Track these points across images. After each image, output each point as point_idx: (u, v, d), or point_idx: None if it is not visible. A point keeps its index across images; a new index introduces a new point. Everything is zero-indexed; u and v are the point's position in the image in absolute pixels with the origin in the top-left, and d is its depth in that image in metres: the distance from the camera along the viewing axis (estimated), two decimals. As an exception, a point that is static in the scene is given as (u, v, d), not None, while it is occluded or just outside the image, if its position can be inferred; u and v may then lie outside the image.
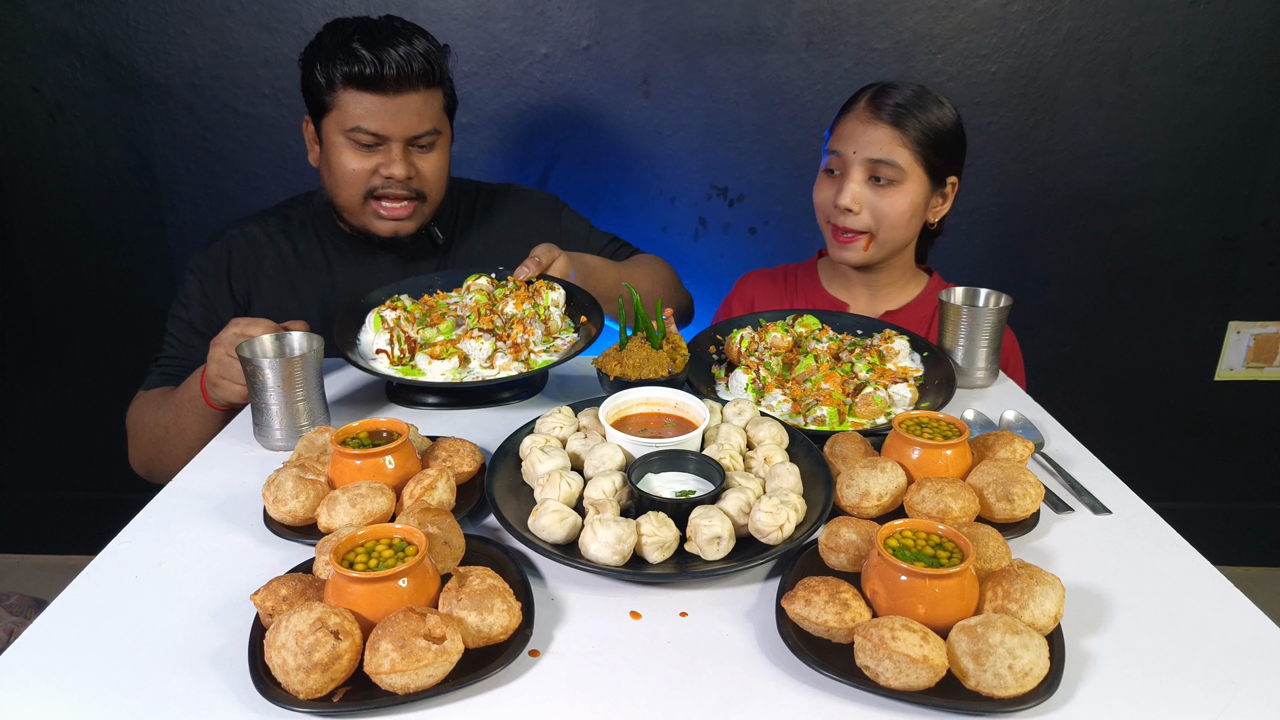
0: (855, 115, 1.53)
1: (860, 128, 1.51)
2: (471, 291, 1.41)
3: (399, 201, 1.51)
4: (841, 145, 1.53)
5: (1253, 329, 2.52)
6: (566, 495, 0.94)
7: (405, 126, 1.46)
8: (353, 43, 1.40)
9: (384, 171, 1.48)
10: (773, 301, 1.73)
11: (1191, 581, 0.89)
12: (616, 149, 2.31)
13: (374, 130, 1.44)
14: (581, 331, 1.33)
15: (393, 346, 1.22)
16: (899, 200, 1.52)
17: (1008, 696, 0.70)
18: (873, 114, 1.50)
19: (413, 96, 1.45)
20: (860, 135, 1.51)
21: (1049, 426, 1.24)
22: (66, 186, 2.32)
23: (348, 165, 1.48)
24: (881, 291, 1.67)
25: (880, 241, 1.56)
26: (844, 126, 1.54)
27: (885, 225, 1.54)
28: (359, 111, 1.43)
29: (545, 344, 1.29)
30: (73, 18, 2.16)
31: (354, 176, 1.48)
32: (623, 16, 2.18)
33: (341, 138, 1.47)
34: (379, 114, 1.44)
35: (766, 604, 0.85)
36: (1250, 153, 2.31)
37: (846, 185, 1.52)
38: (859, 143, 1.51)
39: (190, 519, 1.00)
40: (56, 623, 0.82)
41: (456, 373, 1.19)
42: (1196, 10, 2.17)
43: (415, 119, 1.46)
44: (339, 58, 1.41)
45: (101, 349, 2.51)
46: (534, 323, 1.29)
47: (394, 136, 1.46)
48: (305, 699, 0.70)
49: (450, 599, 0.76)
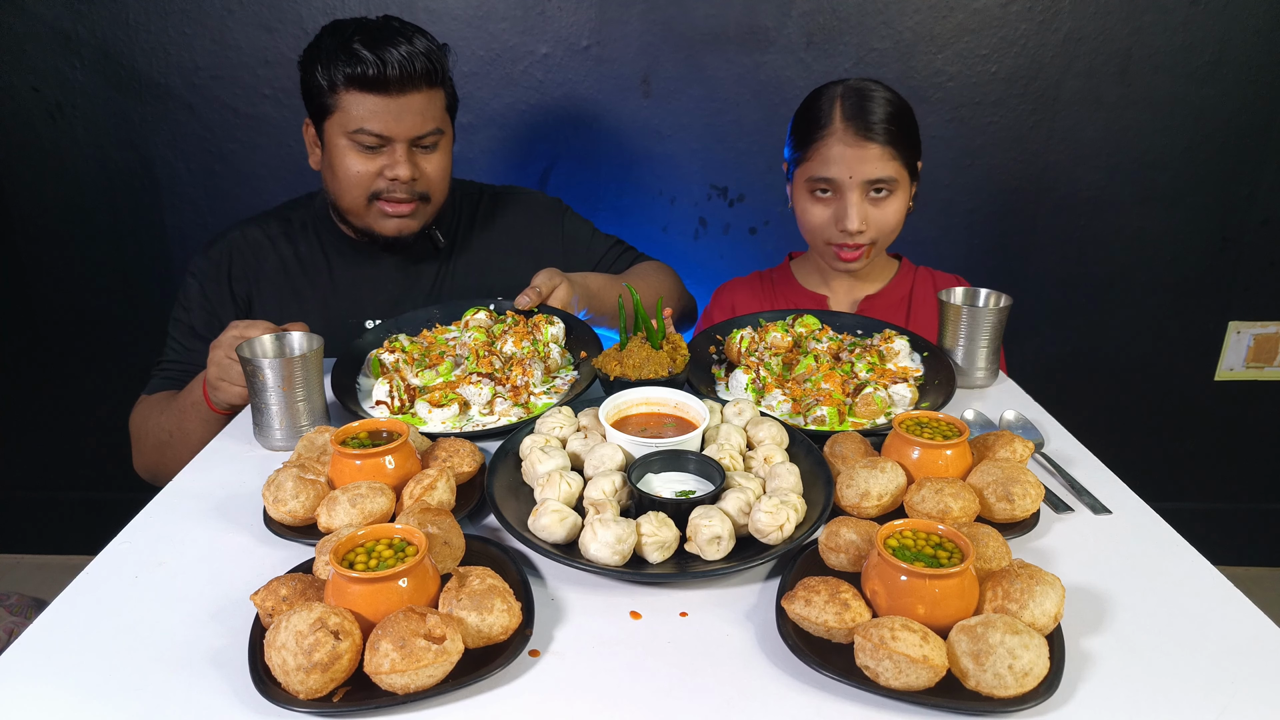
0: (838, 138, 1.50)
1: (850, 152, 1.49)
2: (470, 328, 1.41)
3: (403, 203, 1.51)
4: (835, 171, 1.51)
5: (1253, 329, 2.51)
6: (566, 495, 0.94)
7: (409, 127, 1.45)
8: (354, 44, 1.40)
9: (388, 173, 1.48)
10: (753, 307, 1.74)
11: (1191, 581, 0.89)
12: (616, 149, 2.31)
13: (378, 131, 1.44)
14: (583, 369, 1.33)
15: (392, 398, 1.22)
16: (896, 207, 1.56)
17: (1008, 696, 0.70)
18: (862, 135, 1.49)
19: (416, 96, 1.44)
20: (853, 159, 1.49)
21: (1049, 426, 1.24)
22: (66, 186, 2.32)
23: (352, 168, 1.47)
24: (860, 282, 1.71)
25: (879, 247, 1.60)
26: (829, 150, 1.51)
27: (885, 232, 1.57)
28: (362, 113, 1.43)
29: (545, 383, 1.29)
30: (73, 18, 2.16)
31: (358, 179, 1.48)
32: (623, 16, 2.18)
33: (345, 140, 1.46)
34: (382, 115, 1.43)
35: (766, 604, 0.85)
36: (1250, 153, 2.31)
37: (849, 209, 1.52)
38: (854, 168, 1.50)
39: (190, 519, 1.00)
40: (56, 623, 0.82)
41: (456, 420, 1.20)
42: (1196, 10, 2.17)
43: (419, 119, 1.46)
44: (340, 59, 1.40)
45: (101, 349, 2.51)
46: (533, 363, 1.29)
47: (398, 137, 1.46)
48: (305, 699, 0.70)
49: (450, 599, 0.76)
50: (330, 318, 1.57)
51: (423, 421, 1.21)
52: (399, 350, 1.34)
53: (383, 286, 1.62)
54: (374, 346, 1.39)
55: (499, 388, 1.24)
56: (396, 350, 1.34)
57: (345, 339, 1.40)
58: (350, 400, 1.26)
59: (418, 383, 1.27)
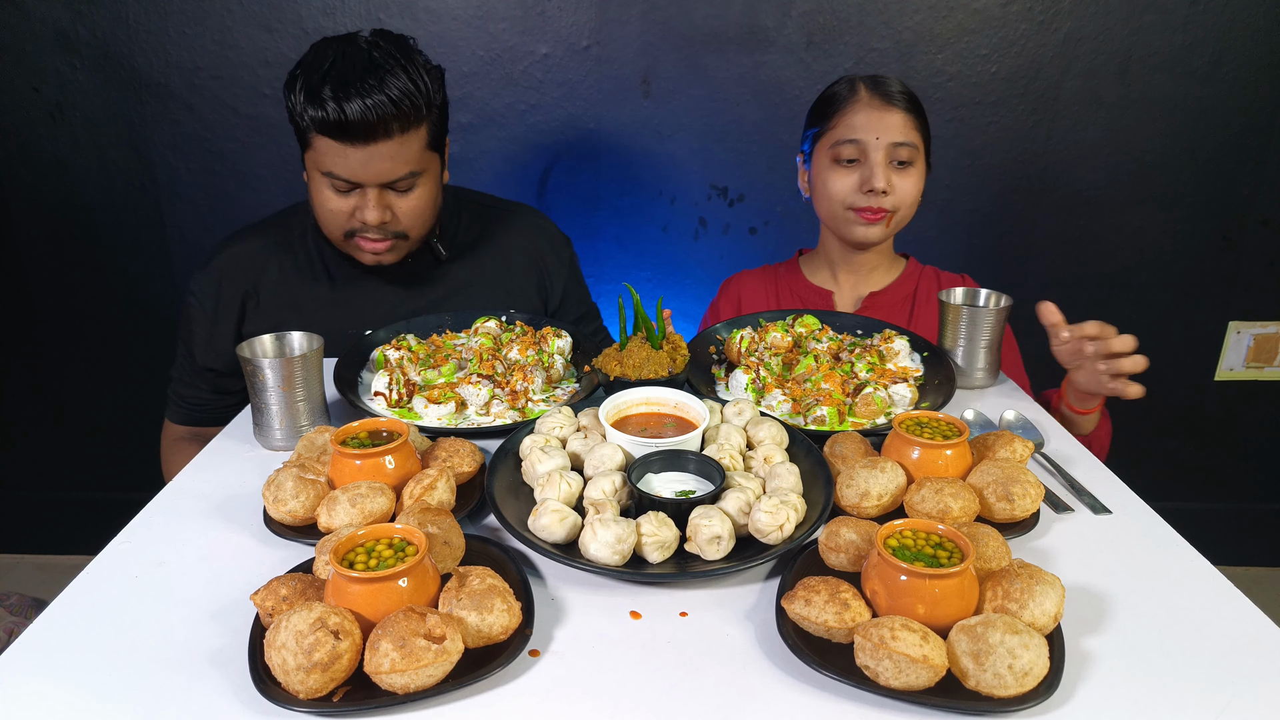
0: (864, 104, 1.56)
1: (876, 115, 1.55)
2: (479, 335, 1.41)
3: (378, 241, 1.49)
4: (861, 133, 1.55)
5: (1253, 329, 2.52)
6: (566, 495, 0.94)
7: (377, 174, 1.40)
8: (323, 90, 1.34)
9: (359, 216, 1.44)
10: (759, 298, 1.76)
11: (1191, 581, 0.89)
12: (616, 149, 2.31)
13: (345, 177, 1.40)
14: (584, 381, 1.33)
15: (391, 390, 1.22)
16: (915, 180, 1.59)
17: (1007, 696, 0.70)
18: (885, 101, 1.55)
19: (385, 144, 1.38)
20: (878, 122, 1.54)
21: (1049, 426, 1.24)
22: (66, 186, 2.32)
23: (326, 204, 1.45)
24: (865, 277, 1.72)
25: (898, 220, 1.62)
26: (855, 117, 1.56)
27: (905, 204, 1.60)
28: (330, 157, 1.39)
29: (545, 392, 1.29)
30: (73, 18, 2.16)
31: (333, 216, 1.46)
32: (623, 16, 2.18)
33: (319, 175, 1.43)
34: (349, 162, 1.38)
35: (766, 604, 0.85)
36: (1250, 153, 2.31)
37: (875, 169, 1.55)
38: (879, 129, 1.54)
39: (190, 519, 1.00)
40: (56, 623, 0.82)
41: (452, 418, 1.20)
42: (1196, 10, 2.17)
43: (388, 165, 1.40)
44: (309, 103, 1.36)
45: (101, 349, 2.51)
46: (535, 370, 1.29)
47: (367, 183, 1.41)
48: (305, 699, 0.70)
49: (450, 599, 0.76)
50: (330, 326, 1.57)
51: (419, 416, 1.21)
52: (405, 349, 1.34)
53: (384, 297, 1.60)
54: (381, 343, 1.40)
55: (497, 390, 1.24)
56: (403, 349, 1.34)
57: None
58: (350, 392, 1.26)
59: (418, 380, 1.27)
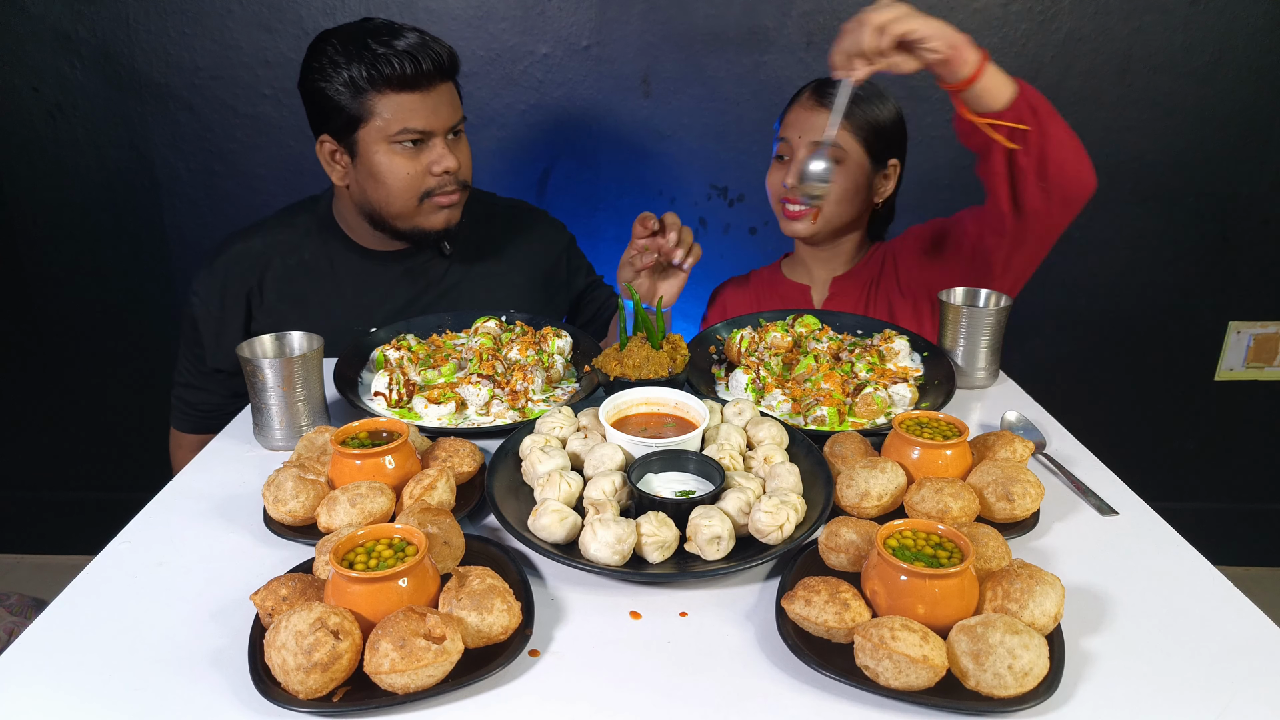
0: (800, 105, 1.66)
1: (805, 115, 1.64)
2: (479, 334, 1.41)
3: (453, 193, 1.52)
4: (789, 132, 1.66)
5: (1253, 329, 2.51)
6: (566, 495, 0.94)
7: (444, 119, 1.47)
8: (376, 48, 1.39)
9: (435, 169, 1.47)
10: (742, 303, 1.83)
11: (1191, 581, 0.89)
12: (616, 149, 2.31)
13: (420, 128, 1.44)
14: (584, 381, 1.33)
15: (391, 390, 1.23)
16: (841, 176, 1.64)
17: (1008, 696, 0.70)
18: (816, 103, 1.63)
19: (443, 87, 1.46)
20: (804, 122, 1.63)
21: (1050, 427, 1.24)
22: (66, 186, 2.32)
23: (401, 171, 1.46)
24: (832, 266, 1.79)
25: (826, 215, 1.67)
26: (791, 116, 1.67)
27: (830, 200, 1.65)
28: (401, 115, 1.42)
29: (545, 392, 1.29)
30: (73, 18, 2.16)
31: (409, 181, 1.47)
32: (623, 16, 2.18)
33: (386, 145, 1.45)
34: (421, 111, 1.43)
35: (766, 604, 0.85)
36: (1250, 153, 2.31)
37: (794, 166, 1.64)
38: (803, 128, 1.63)
39: (190, 519, 1.00)
40: (56, 623, 0.82)
41: (452, 418, 1.21)
42: (1196, 10, 2.17)
43: (449, 109, 1.48)
44: (371, 66, 1.39)
45: (101, 349, 2.51)
46: (535, 370, 1.29)
47: (437, 130, 1.46)
48: (305, 699, 0.70)
49: (450, 599, 0.76)
50: (334, 324, 1.57)
51: (419, 416, 1.21)
52: (405, 349, 1.34)
53: (389, 293, 1.61)
54: (381, 343, 1.40)
55: (497, 390, 1.24)
56: (403, 349, 1.34)
57: None
58: (350, 392, 1.26)
59: (418, 380, 1.27)
